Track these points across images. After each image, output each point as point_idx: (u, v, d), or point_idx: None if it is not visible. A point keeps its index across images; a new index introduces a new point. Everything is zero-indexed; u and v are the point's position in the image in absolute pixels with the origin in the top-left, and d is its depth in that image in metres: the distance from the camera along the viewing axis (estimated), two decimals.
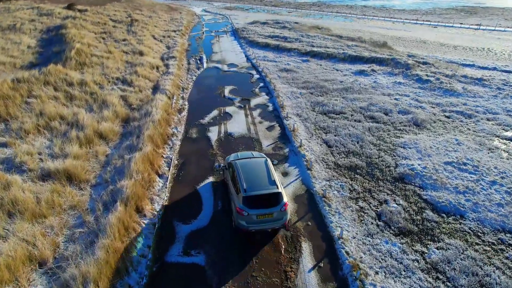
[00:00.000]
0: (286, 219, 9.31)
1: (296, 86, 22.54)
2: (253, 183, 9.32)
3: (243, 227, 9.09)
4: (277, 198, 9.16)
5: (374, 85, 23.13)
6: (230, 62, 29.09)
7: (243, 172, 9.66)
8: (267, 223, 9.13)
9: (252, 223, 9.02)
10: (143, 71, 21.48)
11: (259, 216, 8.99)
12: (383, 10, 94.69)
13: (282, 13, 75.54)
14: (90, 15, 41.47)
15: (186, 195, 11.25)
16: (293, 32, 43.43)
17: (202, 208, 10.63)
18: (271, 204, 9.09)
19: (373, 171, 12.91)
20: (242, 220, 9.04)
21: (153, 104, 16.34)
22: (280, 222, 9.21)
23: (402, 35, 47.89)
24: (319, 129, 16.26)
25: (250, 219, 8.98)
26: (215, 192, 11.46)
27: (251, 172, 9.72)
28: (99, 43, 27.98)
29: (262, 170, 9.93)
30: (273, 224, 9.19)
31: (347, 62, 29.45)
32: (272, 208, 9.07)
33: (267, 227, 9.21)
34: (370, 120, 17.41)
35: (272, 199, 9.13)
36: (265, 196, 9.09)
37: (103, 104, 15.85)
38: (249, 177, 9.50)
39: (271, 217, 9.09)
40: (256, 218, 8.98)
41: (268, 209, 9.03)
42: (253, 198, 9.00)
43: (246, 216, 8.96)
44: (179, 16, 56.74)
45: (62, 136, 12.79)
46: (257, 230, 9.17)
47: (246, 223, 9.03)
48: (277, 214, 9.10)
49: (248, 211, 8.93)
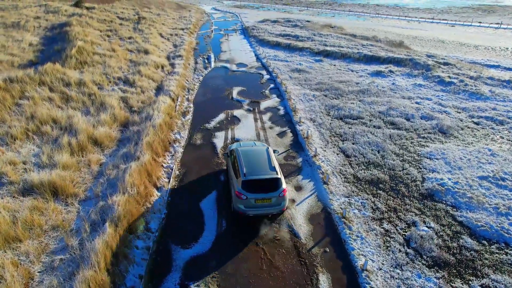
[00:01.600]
0: (284, 205, 9.35)
1: (309, 87, 21.09)
2: (253, 168, 9.41)
3: (241, 211, 9.16)
4: (276, 183, 9.21)
5: (393, 87, 21.53)
6: (239, 61, 27.76)
7: (244, 158, 9.75)
8: (265, 208, 9.22)
9: (250, 207, 9.14)
10: (147, 70, 20.30)
11: (257, 201, 9.09)
12: (396, 8, 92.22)
13: (293, 12, 73.92)
14: (97, 12, 40.62)
15: (186, 212, 9.96)
16: (305, 30, 41.89)
17: (204, 229, 9.33)
18: (270, 189, 9.14)
19: (398, 186, 11.44)
20: (240, 204, 9.14)
21: (155, 107, 15.11)
22: (278, 208, 9.27)
23: (419, 34, 45.92)
24: (335, 136, 14.82)
25: (248, 203, 9.09)
26: (219, 208, 10.14)
27: (251, 158, 9.82)
28: (103, 41, 26.94)
29: (263, 156, 10.03)
30: (271, 209, 9.26)
31: (362, 62, 27.86)
32: (271, 193, 9.12)
33: (265, 212, 9.30)
34: (391, 126, 15.89)
35: (271, 184, 9.18)
36: (264, 181, 9.16)
37: (101, 107, 14.68)
38: (249, 162, 9.58)
39: (269, 202, 9.18)
40: (254, 202, 9.09)
41: (267, 194, 9.10)
42: (252, 182, 9.09)
43: (244, 200, 9.06)
44: (188, 14, 55.66)
45: (53, 142, 11.62)
46: (255, 215, 9.27)
47: (244, 207, 9.13)
48: (275, 199, 9.18)
49: (247, 195, 9.02)
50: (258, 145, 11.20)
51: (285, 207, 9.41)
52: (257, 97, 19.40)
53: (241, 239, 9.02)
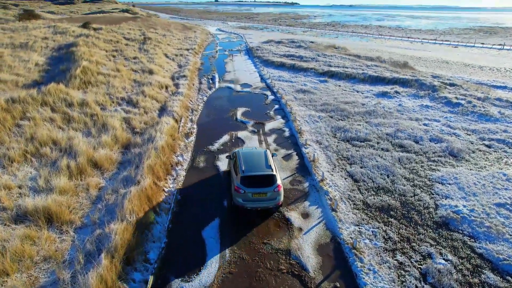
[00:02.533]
0: (279, 200, 10.23)
1: (314, 108, 20.80)
2: (251, 166, 10.44)
3: (240, 204, 10.06)
4: (271, 179, 10.14)
5: (400, 108, 21.19)
6: (244, 82, 27.71)
7: (244, 158, 10.86)
8: (261, 201, 10.08)
9: (247, 201, 10.01)
10: (150, 91, 20.18)
11: (254, 195, 9.97)
12: (399, 30, 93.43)
13: (296, 33, 74.99)
14: (104, 33, 41.27)
15: (187, 241, 9.42)
16: (309, 51, 42.17)
17: (206, 260, 8.76)
18: (266, 184, 10.06)
19: (410, 213, 10.86)
20: (239, 198, 10.06)
21: (158, 128, 14.82)
22: (273, 202, 10.14)
23: (423, 55, 46.05)
24: (342, 159, 14.36)
25: (246, 196, 9.98)
26: (222, 237, 9.60)
27: (250, 158, 10.90)
28: (108, 61, 27.10)
29: (261, 157, 11.10)
30: (267, 203, 10.12)
31: (367, 83, 27.69)
32: (266, 188, 10.03)
33: (261, 205, 10.11)
34: (399, 149, 15.42)
35: (266, 180, 10.11)
36: (260, 177, 10.09)
37: (102, 128, 14.40)
38: (248, 162, 10.65)
39: (265, 196, 10.06)
40: (251, 196, 9.97)
41: (263, 189, 10.00)
42: (249, 178, 10.04)
43: (242, 194, 9.99)
44: (193, 35, 56.54)
45: (51, 165, 11.26)
46: (252, 207, 10.10)
47: (242, 200, 10.03)
48: (270, 194, 10.07)
49: (245, 189, 9.94)
50: (258, 149, 12.10)
51: (280, 201, 10.25)
52: (261, 118, 19.11)
53: (245, 270, 8.44)
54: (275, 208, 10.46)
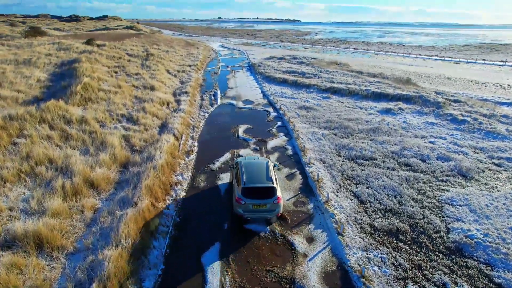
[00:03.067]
0: (278, 211, 10.46)
1: (318, 126, 20.46)
2: (252, 177, 10.57)
3: (240, 214, 10.27)
4: (271, 191, 10.30)
5: (404, 125, 20.81)
6: (246, 98, 27.53)
7: (245, 169, 11.00)
8: (261, 212, 10.29)
9: (248, 211, 10.21)
10: (151, 107, 19.95)
11: (254, 206, 10.15)
12: (400, 46, 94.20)
13: (298, 49, 75.64)
14: (107, 49, 41.59)
15: (186, 268, 8.88)
16: (311, 67, 42.23)
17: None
18: (266, 196, 10.21)
19: (420, 237, 10.31)
20: (239, 208, 10.24)
21: (158, 146, 14.46)
22: (273, 213, 10.39)
23: (425, 71, 46.05)
24: (347, 178, 13.88)
25: (246, 207, 10.16)
26: (222, 263, 9.06)
27: (252, 169, 11.04)
28: (110, 77, 27.06)
29: (262, 168, 11.23)
30: (267, 214, 10.37)
31: (370, 99, 27.44)
32: (266, 199, 10.20)
33: (261, 216, 10.40)
34: (406, 168, 14.95)
35: (266, 192, 10.26)
36: (261, 189, 10.26)
37: (101, 146, 14.05)
38: (249, 173, 10.79)
39: (264, 208, 10.24)
40: (251, 207, 10.15)
41: (263, 200, 10.17)
42: (250, 190, 10.21)
43: (243, 205, 10.15)
44: (196, 51, 57.01)
45: (46, 185, 10.85)
46: (252, 218, 10.43)
47: (242, 211, 10.23)
48: (270, 205, 10.24)
49: (245, 200, 10.12)
50: (260, 159, 12.28)
51: (279, 213, 10.50)
52: (264, 136, 18.74)
53: None
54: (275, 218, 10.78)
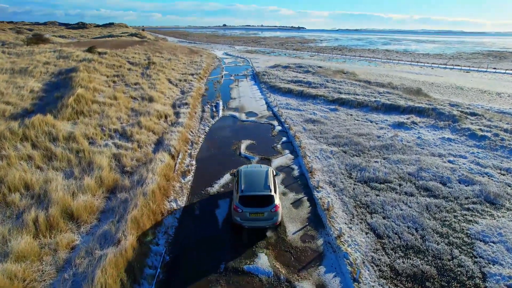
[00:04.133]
0: (276, 220, 10.35)
1: (326, 142, 19.00)
2: (250, 185, 10.53)
3: (238, 222, 10.22)
4: (269, 200, 10.21)
5: (419, 142, 19.29)
6: (249, 110, 26.18)
7: (245, 177, 10.99)
8: (259, 221, 10.19)
9: (245, 220, 10.15)
10: (147, 121, 18.65)
11: (252, 214, 10.08)
12: (406, 54, 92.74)
13: (303, 57, 74.50)
14: (108, 57, 40.67)
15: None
16: (317, 77, 40.90)
17: None
18: (263, 204, 10.14)
19: (451, 285, 8.76)
20: (237, 216, 10.20)
21: (151, 167, 13.10)
22: (271, 221, 10.25)
23: (435, 80, 44.50)
24: (361, 206, 12.39)
25: (243, 216, 10.10)
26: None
27: (251, 177, 10.99)
28: (107, 87, 25.91)
29: (261, 176, 11.13)
30: (264, 222, 10.24)
31: (381, 112, 25.96)
32: (264, 208, 10.11)
33: (259, 225, 10.28)
34: (425, 193, 13.43)
35: (264, 200, 10.19)
36: (258, 197, 10.20)
37: (88, 167, 12.73)
38: (248, 181, 10.75)
39: (262, 216, 10.14)
40: (249, 216, 10.08)
41: (260, 209, 10.09)
42: (247, 198, 10.16)
43: (240, 213, 10.11)
44: (199, 59, 56.03)
45: (16, 218, 9.51)
46: (249, 227, 10.34)
47: (240, 219, 10.18)
48: (267, 214, 10.15)
49: (243, 209, 10.06)
50: (262, 167, 12.10)
51: (277, 221, 10.39)
52: (267, 153, 17.30)
53: None
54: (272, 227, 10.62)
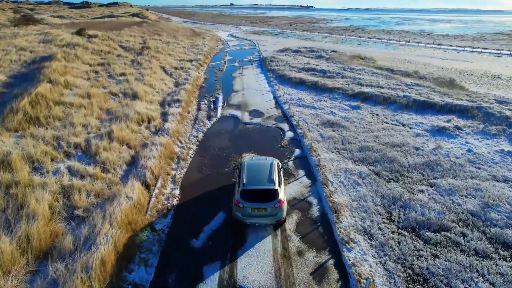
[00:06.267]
0: (280, 216, 9.55)
1: (351, 156, 14.78)
2: (253, 179, 9.79)
3: (239, 218, 9.51)
4: (272, 194, 9.48)
5: (471, 157, 14.95)
6: (254, 107, 21.86)
7: (247, 170, 10.24)
8: (261, 217, 9.48)
9: (247, 216, 9.43)
10: (123, 129, 14.55)
11: (254, 210, 9.35)
12: (424, 35, 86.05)
13: (314, 39, 68.84)
14: (97, 41, 36.29)
15: None
16: (332, 63, 36.06)
17: None
18: (266, 199, 9.41)
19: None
20: (238, 212, 9.47)
21: (111, 210, 9.14)
22: (274, 218, 9.50)
23: (465, 67, 39.26)
24: (415, 280, 8.31)
25: (245, 211, 9.37)
26: None
27: (254, 170, 10.26)
28: (85, 80, 21.78)
29: (265, 169, 10.32)
30: (267, 219, 9.53)
31: (412, 110, 21.45)
32: (267, 203, 9.37)
33: (261, 221, 9.60)
34: (506, 251, 9.28)
35: (267, 194, 9.46)
36: (261, 191, 9.48)
37: (16, 215, 8.80)
38: (250, 174, 10.02)
39: (265, 212, 9.40)
40: (251, 211, 9.36)
41: (263, 204, 9.36)
42: (249, 192, 9.44)
43: (241, 208, 9.37)
44: (201, 42, 51.19)
45: None
46: (251, 223, 9.63)
47: (241, 215, 9.45)
48: (271, 209, 9.39)
49: (244, 204, 9.33)
50: (267, 159, 11.26)
51: (282, 218, 9.61)
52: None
53: None
54: (277, 224, 9.89)
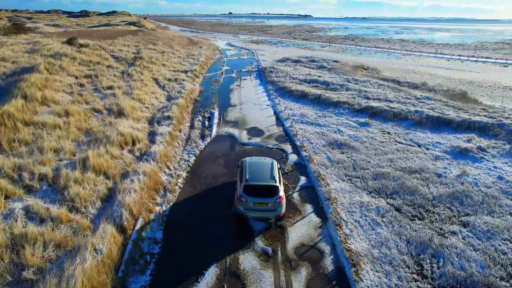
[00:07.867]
0: (280, 211, 10.05)
1: (365, 186, 12.75)
2: (255, 175, 10.37)
3: (241, 212, 10.04)
4: (273, 190, 10.02)
5: (504, 186, 12.96)
6: (252, 124, 19.86)
7: (249, 167, 10.83)
8: (262, 211, 9.99)
9: (248, 210, 9.97)
10: (101, 155, 12.50)
11: (256, 204, 9.89)
12: (425, 44, 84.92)
13: (314, 48, 67.34)
14: (87, 51, 34.40)
15: None
16: (335, 74, 34.27)
17: None
18: (268, 195, 9.94)
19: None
20: (240, 206, 10.01)
21: (70, 272, 7.06)
22: (275, 213, 10.01)
23: (473, 78, 37.59)
24: None
25: (247, 205, 9.92)
26: None
27: (256, 168, 10.83)
28: (67, 95, 19.78)
29: (267, 167, 10.96)
30: (268, 213, 10.03)
31: (427, 128, 19.53)
32: (268, 198, 9.90)
33: (262, 215, 10.11)
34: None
35: (269, 190, 10.00)
36: (263, 187, 10.03)
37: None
38: (253, 171, 10.61)
39: (266, 207, 9.92)
40: (252, 206, 9.90)
41: (264, 199, 9.88)
42: (252, 187, 9.99)
43: (244, 202, 9.93)
44: (198, 51, 49.44)
45: None
46: (253, 217, 10.18)
47: (243, 209, 9.99)
48: (272, 204, 9.90)
49: (247, 198, 9.89)
50: (267, 159, 11.68)
51: (281, 213, 10.08)
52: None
53: None
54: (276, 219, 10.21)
